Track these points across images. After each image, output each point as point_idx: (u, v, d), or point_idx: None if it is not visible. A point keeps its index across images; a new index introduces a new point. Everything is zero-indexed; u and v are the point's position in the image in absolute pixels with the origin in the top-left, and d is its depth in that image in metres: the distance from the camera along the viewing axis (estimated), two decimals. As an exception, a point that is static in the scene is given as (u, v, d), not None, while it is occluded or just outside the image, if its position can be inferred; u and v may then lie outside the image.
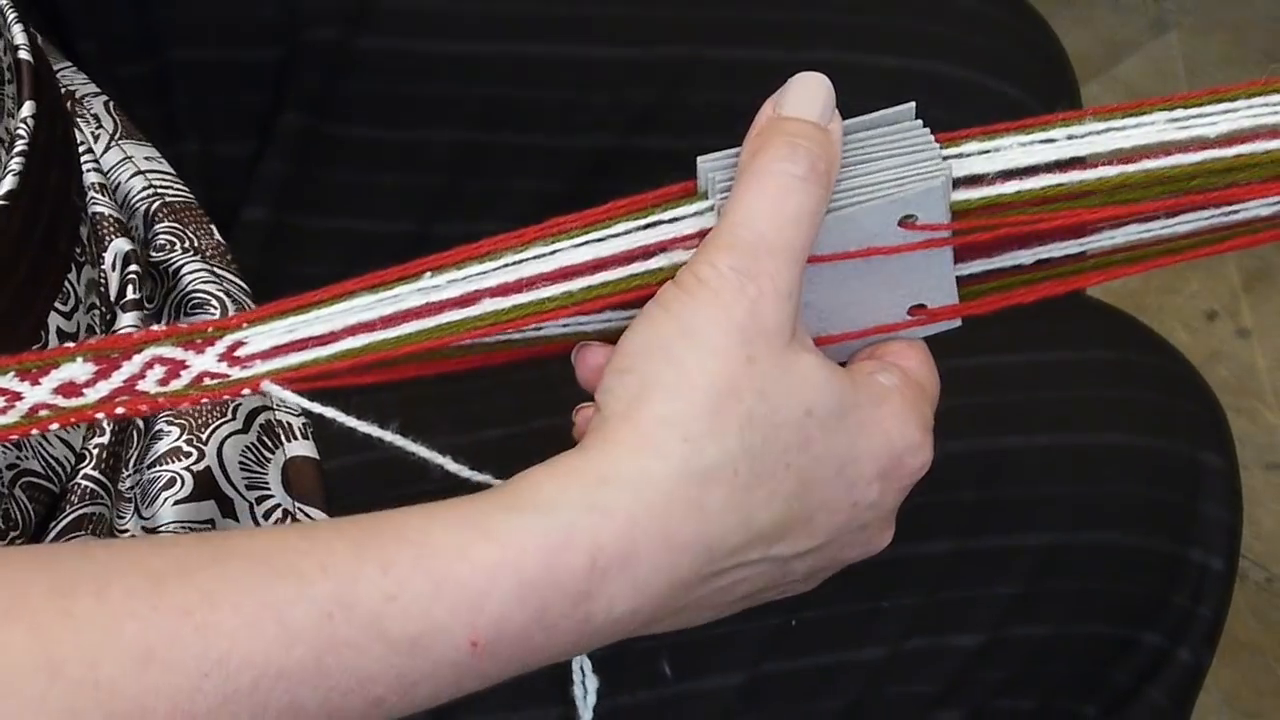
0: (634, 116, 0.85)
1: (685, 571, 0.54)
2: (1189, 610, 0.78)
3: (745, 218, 0.55)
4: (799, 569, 0.57)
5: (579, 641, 0.54)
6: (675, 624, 0.57)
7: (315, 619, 0.50)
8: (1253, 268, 1.56)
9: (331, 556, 0.51)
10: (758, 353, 0.54)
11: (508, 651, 0.52)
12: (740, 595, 0.57)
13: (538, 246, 0.58)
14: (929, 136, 0.57)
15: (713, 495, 0.53)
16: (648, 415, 0.54)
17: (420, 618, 0.51)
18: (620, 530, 0.52)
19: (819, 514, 0.56)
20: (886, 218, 0.56)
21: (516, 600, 0.51)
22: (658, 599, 0.54)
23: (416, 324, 0.57)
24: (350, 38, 0.84)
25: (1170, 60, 1.70)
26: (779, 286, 0.54)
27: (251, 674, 0.49)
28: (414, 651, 0.51)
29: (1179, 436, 0.79)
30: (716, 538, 0.54)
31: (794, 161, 0.55)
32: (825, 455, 0.55)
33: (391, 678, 0.51)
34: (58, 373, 0.56)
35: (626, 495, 0.53)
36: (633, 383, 0.54)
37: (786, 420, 0.54)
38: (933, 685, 0.75)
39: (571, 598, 0.52)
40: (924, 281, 0.59)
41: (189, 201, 0.76)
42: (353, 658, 0.50)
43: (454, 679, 0.52)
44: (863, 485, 0.57)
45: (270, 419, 0.71)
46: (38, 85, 0.64)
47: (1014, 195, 0.57)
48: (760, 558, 0.56)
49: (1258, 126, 0.57)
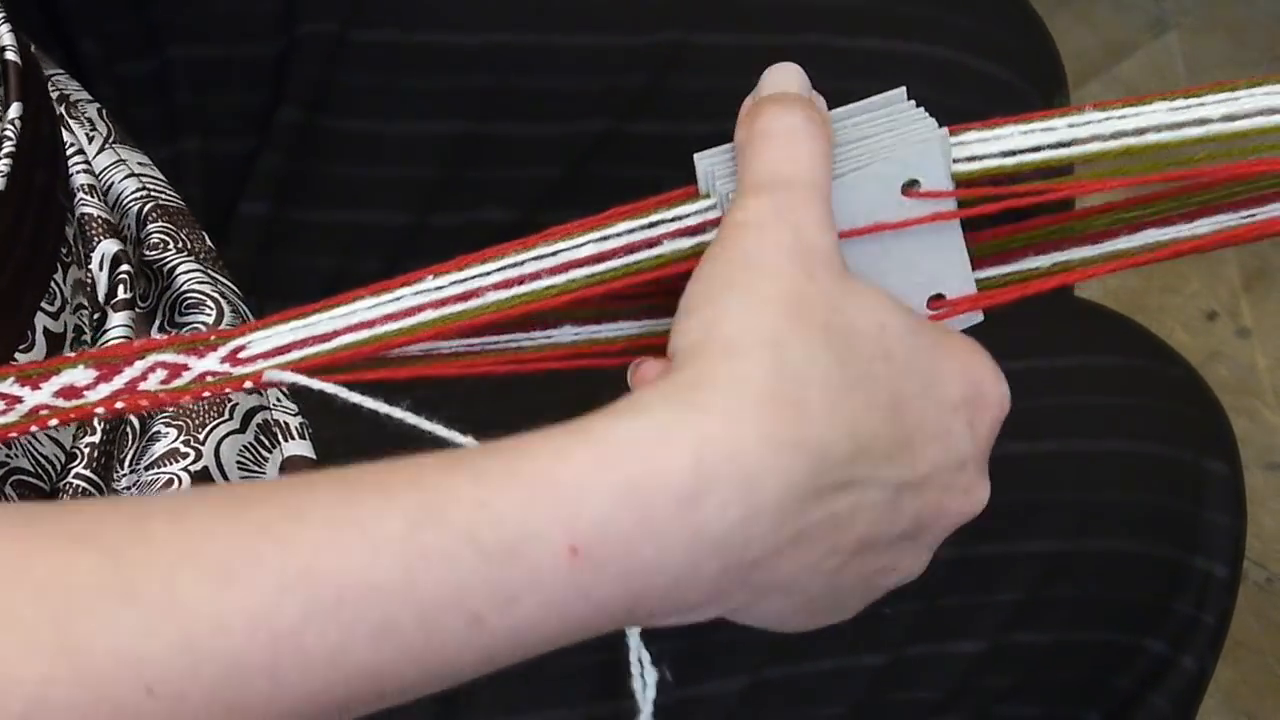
0: (627, 102, 0.86)
1: (798, 475, 0.50)
2: (1192, 617, 0.78)
3: (763, 167, 0.55)
4: (908, 510, 0.54)
5: (694, 559, 0.49)
6: (794, 579, 0.53)
7: (402, 529, 0.47)
8: (1253, 268, 1.56)
9: (421, 472, 0.49)
10: (817, 272, 0.53)
11: (613, 563, 0.49)
12: (857, 537, 0.53)
13: (540, 248, 0.58)
14: (922, 111, 0.58)
15: (811, 394, 0.51)
16: (729, 329, 0.51)
17: (514, 522, 0.48)
18: (723, 426, 0.49)
19: (916, 434, 0.53)
20: (889, 183, 0.56)
21: (618, 500, 0.48)
22: (773, 504, 0.50)
23: (419, 317, 0.57)
24: (346, 30, 0.85)
25: (1170, 60, 1.70)
26: (816, 215, 0.54)
27: (335, 588, 0.46)
28: (510, 560, 0.48)
29: (1183, 443, 0.79)
30: (826, 440, 0.51)
31: (790, 114, 0.55)
32: (908, 370, 0.53)
33: (488, 591, 0.48)
34: (59, 378, 0.56)
35: (722, 396, 0.50)
36: (704, 316, 0.52)
37: (863, 331, 0.52)
38: (934, 692, 0.74)
39: (678, 498, 0.49)
40: (938, 265, 0.58)
41: (181, 207, 0.76)
42: (444, 569, 0.47)
43: (559, 596, 0.48)
44: (949, 411, 0.54)
45: (267, 419, 0.71)
46: (24, 86, 0.64)
47: (1015, 166, 0.57)
48: (870, 477, 0.52)
49: (1261, 108, 0.57)
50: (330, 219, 0.86)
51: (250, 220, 0.85)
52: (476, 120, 0.85)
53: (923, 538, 0.56)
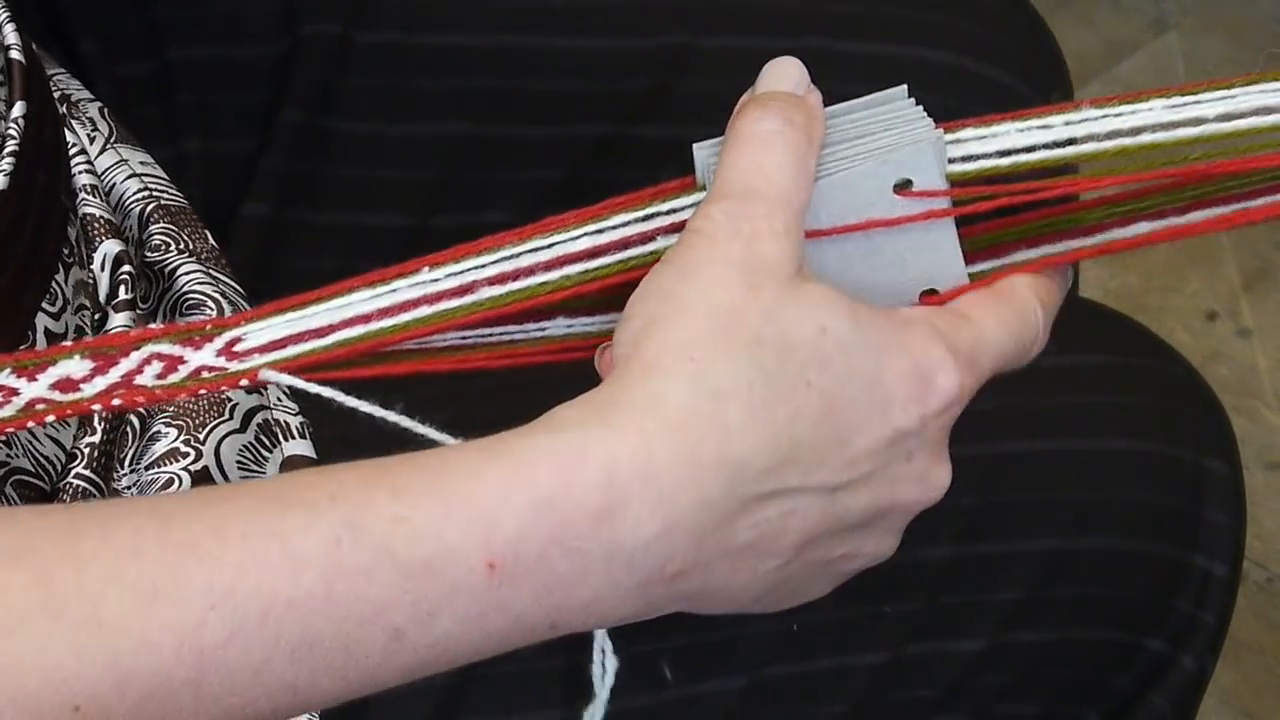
0: (630, 105, 0.86)
1: (714, 490, 0.51)
2: (1192, 616, 0.78)
3: (729, 174, 0.55)
4: (854, 508, 0.55)
5: (611, 573, 0.51)
6: (731, 578, 0.54)
7: (323, 545, 0.48)
8: (1253, 268, 1.56)
9: (341, 487, 0.49)
10: (760, 280, 0.53)
11: (530, 578, 0.50)
12: (795, 539, 0.54)
13: (535, 240, 0.58)
14: (920, 110, 0.58)
15: (730, 411, 0.52)
16: (652, 346, 0.53)
17: (431, 539, 0.49)
18: (635, 444, 0.51)
19: (855, 438, 0.54)
20: (881, 182, 0.56)
21: (532, 517, 0.49)
22: (690, 522, 0.51)
23: (414, 312, 0.57)
24: (349, 32, 0.85)
25: (1170, 60, 1.70)
26: (774, 225, 0.54)
27: (260, 605, 0.48)
28: (427, 575, 0.49)
29: (1182, 442, 0.79)
30: (742, 454, 0.52)
31: (765, 119, 0.56)
32: (848, 374, 0.54)
33: (407, 605, 0.49)
34: (55, 369, 0.56)
35: (637, 413, 0.51)
36: (636, 324, 0.54)
37: (800, 339, 0.53)
38: (934, 690, 0.74)
39: (591, 514, 0.50)
40: (930, 262, 0.58)
41: (183, 206, 0.76)
42: (364, 584, 0.48)
43: (477, 610, 0.50)
44: (898, 409, 0.55)
45: (268, 418, 0.71)
46: (28, 86, 0.64)
47: (1010, 167, 0.57)
48: (800, 485, 0.53)
49: (1256, 108, 0.57)
50: (332, 220, 0.86)
51: (252, 221, 0.85)
52: (479, 122, 0.85)
53: (881, 525, 0.57)
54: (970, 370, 0.56)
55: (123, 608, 0.47)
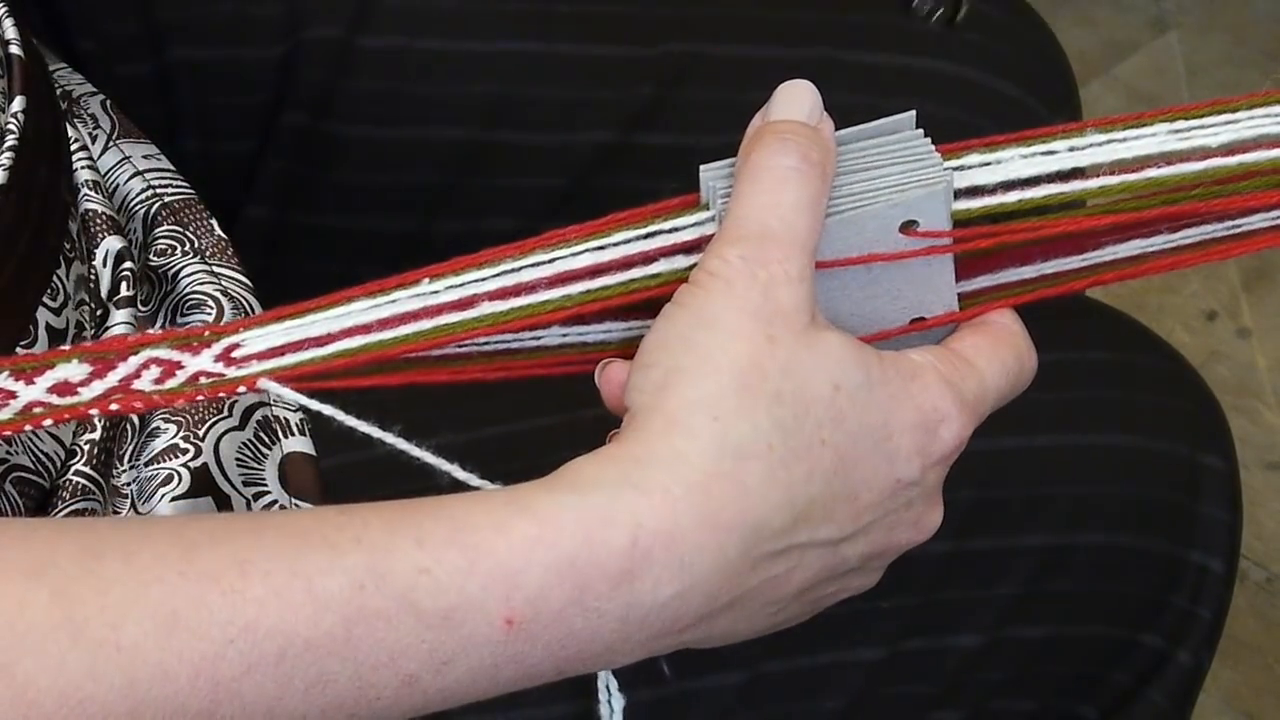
0: (634, 113, 0.86)
1: (732, 552, 0.52)
2: (1188, 612, 0.78)
3: (746, 212, 0.55)
4: (851, 555, 0.56)
5: (625, 630, 0.52)
6: (733, 625, 0.55)
7: (346, 589, 0.49)
8: (1253, 268, 1.56)
9: (366, 530, 0.50)
10: (777, 332, 0.54)
11: (547, 634, 0.51)
12: (796, 588, 0.55)
13: (537, 255, 0.58)
14: (929, 145, 0.58)
15: (750, 472, 0.52)
16: (674, 400, 0.53)
17: (453, 591, 0.50)
18: (659, 507, 0.51)
19: (862, 492, 0.55)
20: (888, 223, 0.57)
21: (554, 577, 0.50)
22: (706, 584, 0.52)
23: (414, 325, 0.57)
24: (351, 36, 0.84)
25: (1170, 60, 1.70)
26: (789, 271, 0.54)
27: (278, 643, 0.48)
28: (446, 626, 0.50)
29: (1179, 438, 0.79)
30: (761, 516, 0.53)
31: (784, 154, 0.56)
32: (860, 431, 0.54)
33: (424, 654, 0.50)
34: (53, 373, 0.56)
35: (661, 473, 0.52)
36: (656, 374, 0.54)
37: (816, 396, 0.54)
38: (931, 686, 0.74)
39: (612, 578, 0.51)
40: (925, 294, 0.59)
41: (189, 199, 0.76)
42: (383, 630, 0.49)
43: (491, 661, 0.51)
44: (902, 461, 0.55)
45: (267, 415, 0.70)
46: (28, 80, 0.64)
47: (1015, 204, 0.57)
48: (808, 541, 0.54)
49: (1260, 136, 0.57)
50: (333, 225, 0.86)
51: (253, 224, 0.85)
52: (481, 128, 0.85)
53: (870, 565, 0.58)
54: (973, 419, 0.57)
55: (142, 633, 0.47)
